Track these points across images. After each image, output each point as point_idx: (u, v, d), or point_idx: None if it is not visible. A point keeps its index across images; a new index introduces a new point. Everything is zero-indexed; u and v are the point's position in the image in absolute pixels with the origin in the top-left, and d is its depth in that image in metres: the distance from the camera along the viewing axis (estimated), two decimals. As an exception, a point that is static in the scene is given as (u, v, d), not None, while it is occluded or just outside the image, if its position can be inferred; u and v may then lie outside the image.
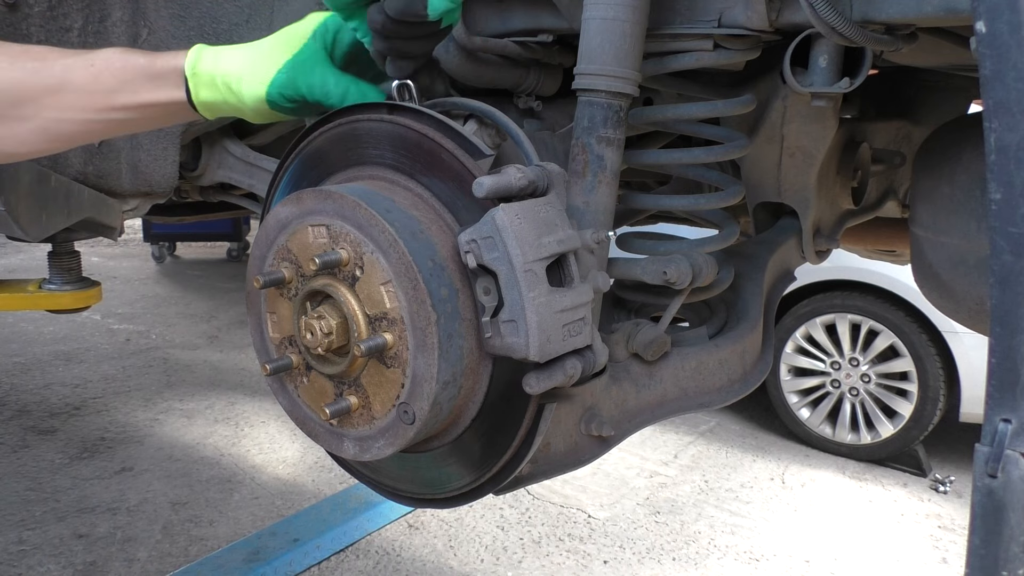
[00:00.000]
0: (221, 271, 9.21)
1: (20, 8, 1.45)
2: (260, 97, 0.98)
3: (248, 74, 0.98)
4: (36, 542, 3.45)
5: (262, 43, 1.01)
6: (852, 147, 1.55)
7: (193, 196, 2.08)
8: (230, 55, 0.99)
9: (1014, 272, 0.63)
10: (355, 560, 3.46)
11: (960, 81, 1.69)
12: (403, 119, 0.92)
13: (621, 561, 3.55)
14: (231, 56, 0.99)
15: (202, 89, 0.99)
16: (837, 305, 4.57)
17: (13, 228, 1.55)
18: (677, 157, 1.23)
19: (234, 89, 0.98)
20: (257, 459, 4.36)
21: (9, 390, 5.20)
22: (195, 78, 0.99)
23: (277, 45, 0.99)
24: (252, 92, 0.98)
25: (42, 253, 2.05)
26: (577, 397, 1.01)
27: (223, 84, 0.98)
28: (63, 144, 1.06)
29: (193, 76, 0.99)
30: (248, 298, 1.01)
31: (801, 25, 1.00)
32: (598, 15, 0.97)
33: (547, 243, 0.83)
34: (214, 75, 0.98)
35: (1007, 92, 0.62)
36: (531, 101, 1.35)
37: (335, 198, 0.87)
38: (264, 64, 0.98)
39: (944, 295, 1.42)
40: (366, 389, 0.89)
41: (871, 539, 3.85)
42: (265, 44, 1.00)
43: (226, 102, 0.99)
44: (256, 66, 0.98)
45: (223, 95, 0.99)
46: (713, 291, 1.23)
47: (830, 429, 4.70)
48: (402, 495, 1.06)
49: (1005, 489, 0.63)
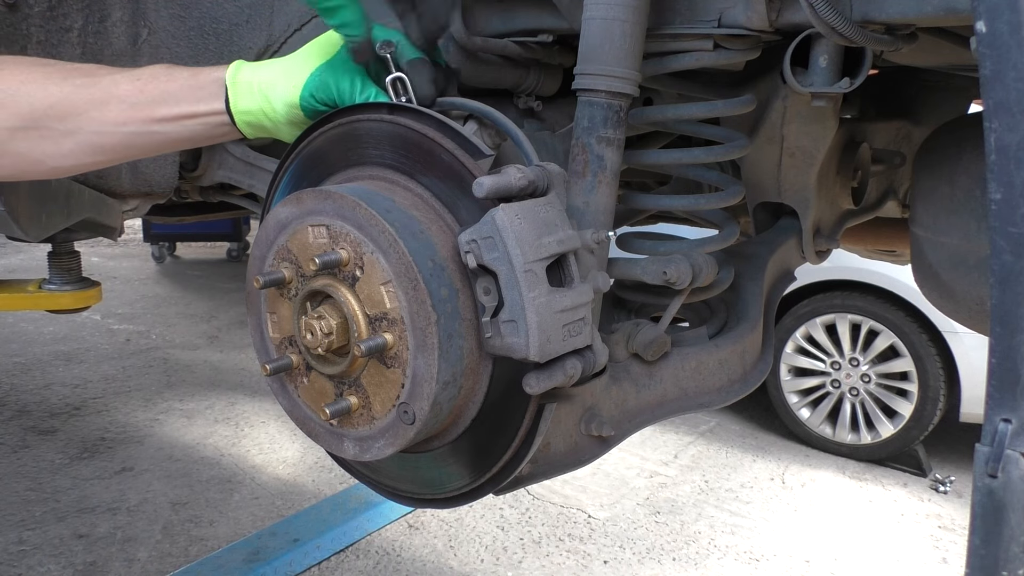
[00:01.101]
0: (221, 271, 9.21)
1: (20, 8, 1.45)
2: (293, 101, 1.00)
3: (282, 79, 1.00)
4: (36, 542, 3.45)
5: (297, 53, 1.04)
6: (852, 147, 1.55)
7: (193, 196, 2.07)
8: (269, 66, 1.02)
9: (1014, 272, 0.63)
10: (355, 560, 3.46)
11: (960, 81, 1.69)
12: (403, 119, 0.92)
13: (621, 561, 3.55)
14: (270, 66, 1.02)
15: (241, 97, 1.01)
16: (837, 305, 4.57)
17: (13, 228, 1.55)
18: (677, 157, 1.23)
19: (269, 96, 1.00)
20: (257, 459, 4.36)
21: (9, 390, 5.20)
22: (235, 86, 1.01)
23: (311, 52, 1.02)
24: (286, 96, 1.00)
25: (42, 253, 2.06)
26: (577, 397, 1.01)
27: (260, 91, 1.00)
28: (105, 158, 1.07)
29: (233, 84, 1.01)
30: (248, 298, 1.01)
31: (801, 25, 1.00)
32: (598, 15, 0.97)
33: (547, 243, 0.83)
34: (252, 82, 1.00)
35: (1007, 92, 0.62)
36: (531, 101, 1.35)
37: (335, 198, 0.87)
38: (298, 69, 1.01)
39: (944, 295, 1.42)
40: (366, 389, 0.89)
41: (871, 539, 3.85)
42: (300, 53, 1.03)
43: (262, 111, 1.01)
44: (290, 72, 1.01)
45: (259, 103, 1.01)
46: (713, 291, 1.23)
47: (830, 429, 4.70)
48: (402, 495, 1.06)
49: (1005, 489, 0.63)
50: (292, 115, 1.01)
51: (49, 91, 0.99)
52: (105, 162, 1.09)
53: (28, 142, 1.00)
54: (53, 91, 0.99)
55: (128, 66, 1.08)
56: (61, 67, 1.03)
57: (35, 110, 0.99)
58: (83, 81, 1.01)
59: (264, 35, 1.48)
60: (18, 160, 1.03)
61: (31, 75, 1.00)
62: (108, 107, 1.00)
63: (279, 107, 1.00)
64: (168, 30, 1.54)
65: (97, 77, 1.01)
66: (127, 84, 1.00)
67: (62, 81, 1.00)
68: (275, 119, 1.02)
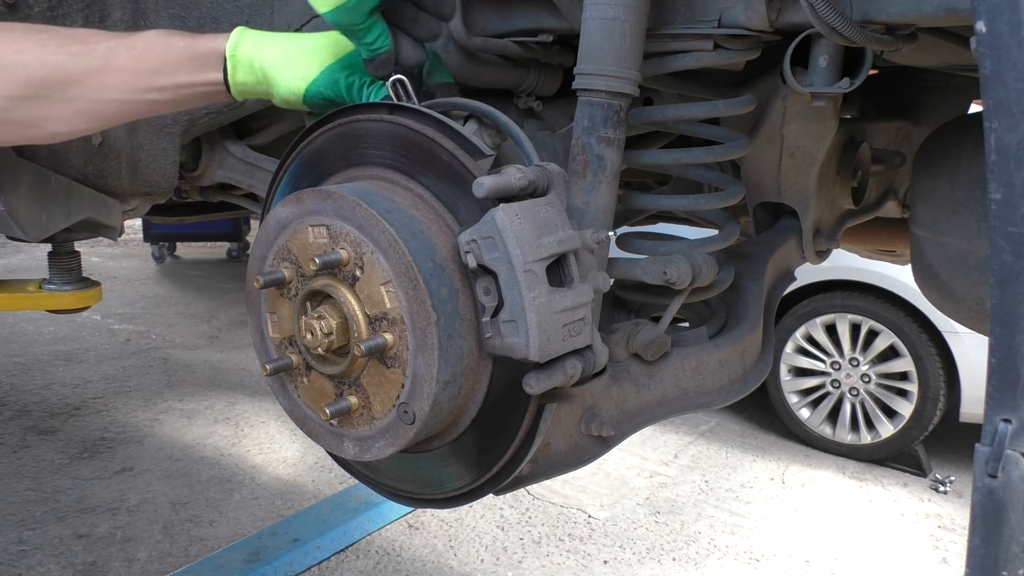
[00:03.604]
0: (221, 271, 9.21)
1: (20, 8, 1.45)
2: (298, 92, 1.02)
3: (288, 67, 1.02)
4: (36, 542, 3.45)
5: (305, 40, 1.04)
6: (852, 147, 1.55)
7: (193, 196, 2.07)
8: (271, 44, 1.03)
9: (1014, 272, 0.63)
10: (355, 560, 3.46)
11: (960, 81, 1.69)
12: (403, 119, 0.92)
13: (621, 561, 3.55)
14: (272, 45, 1.03)
15: (239, 71, 1.03)
16: (837, 305, 4.57)
17: (13, 228, 1.55)
18: (677, 157, 1.23)
19: (271, 77, 1.02)
20: (257, 459, 4.36)
21: (9, 390, 5.20)
22: (234, 60, 1.02)
23: (324, 45, 1.03)
24: (291, 85, 1.02)
25: (42, 253, 2.05)
26: (577, 397, 1.01)
27: (260, 70, 1.02)
28: (103, 123, 1.10)
29: (232, 58, 1.02)
30: (248, 298, 1.01)
31: (801, 25, 1.00)
32: (598, 15, 0.97)
33: (547, 243, 0.83)
34: (253, 59, 1.02)
35: (1007, 92, 0.62)
36: (531, 101, 1.35)
37: (335, 198, 0.87)
38: (308, 62, 1.02)
39: (944, 295, 1.42)
40: (366, 389, 0.89)
41: (871, 539, 3.85)
42: (309, 42, 1.04)
43: (260, 87, 1.04)
44: (298, 61, 1.02)
45: (257, 79, 1.03)
46: (713, 291, 1.23)
47: (830, 429, 4.70)
48: (402, 495, 1.06)
49: (1005, 489, 0.63)
50: (292, 100, 1.04)
51: (45, 59, 1.00)
52: (104, 127, 1.12)
53: (27, 110, 1.02)
54: (49, 59, 1.00)
55: None
56: (54, 33, 1.04)
57: (32, 79, 1.00)
58: (78, 49, 1.02)
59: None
60: (19, 127, 1.05)
61: (25, 43, 1.01)
62: (106, 76, 1.01)
63: (281, 91, 1.03)
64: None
65: (92, 45, 1.03)
66: (124, 52, 1.02)
67: (57, 49, 1.01)
68: (272, 96, 1.05)
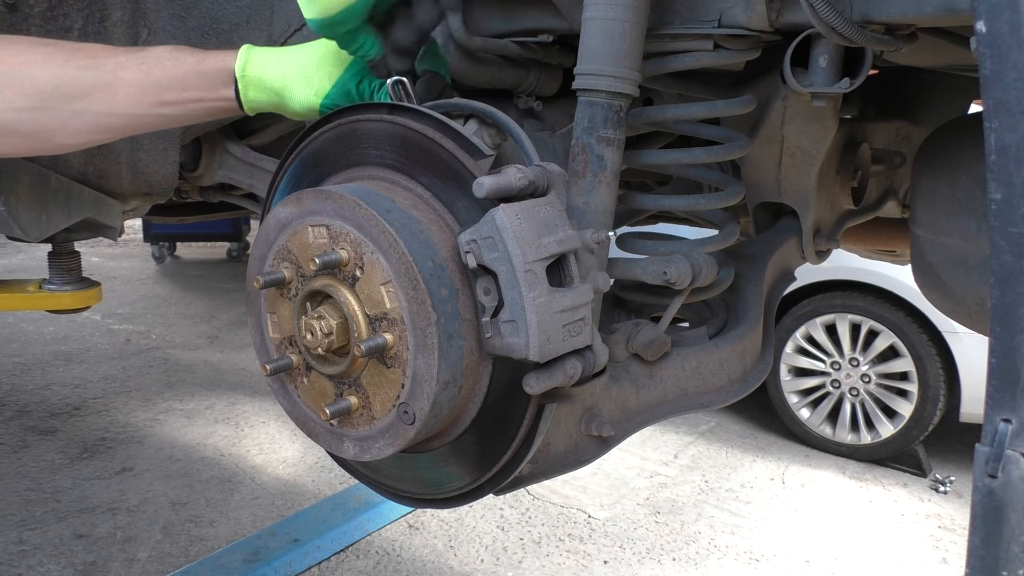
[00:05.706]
0: (221, 271, 9.21)
1: (20, 8, 1.45)
2: (313, 107, 1.04)
3: (300, 84, 1.03)
4: (36, 542, 3.45)
5: (310, 52, 1.05)
6: (852, 147, 1.55)
7: (193, 196, 2.07)
8: (279, 62, 1.04)
9: (1014, 272, 0.63)
10: (355, 560, 3.46)
11: (960, 81, 1.69)
12: (403, 119, 0.92)
13: (621, 561, 3.55)
14: (280, 63, 1.04)
15: (251, 91, 1.04)
16: (837, 305, 4.56)
17: (13, 228, 1.55)
18: (677, 157, 1.23)
19: (284, 96, 1.04)
20: (257, 459, 4.36)
21: (9, 390, 5.20)
22: (244, 80, 1.04)
23: (329, 53, 1.04)
24: (305, 101, 1.04)
25: (42, 253, 2.05)
26: (577, 397, 1.01)
27: (271, 89, 1.04)
28: (111, 136, 1.12)
29: (243, 78, 1.04)
30: (248, 298, 1.01)
31: (801, 25, 1.00)
32: (598, 15, 0.97)
33: (547, 243, 0.83)
34: (263, 78, 1.03)
35: (1007, 92, 0.62)
36: (531, 101, 1.35)
37: (335, 198, 0.87)
38: (319, 76, 1.04)
39: (944, 295, 1.42)
40: (366, 389, 0.89)
41: (871, 539, 3.85)
42: (314, 54, 1.05)
43: (273, 104, 1.06)
44: (309, 77, 1.03)
45: (270, 98, 1.05)
46: (713, 291, 1.23)
47: (830, 429, 4.69)
48: (402, 495, 1.06)
49: (1005, 489, 0.63)
50: (306, 114, 1.05)
51: (52, 72, 1.01)
52: (111, 139, 1.14)
53: (35, 122, 1.03)
54: (56, 72, 1.01)
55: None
56: (60, 47, 1.05)
57: (40, 91, 1.01)
58: (87, 62, 1.03)
59: (264, 35, 1.48)
60: (27, 138, 1.05)
61: (31, 56, 1.02)
62: (115, 90, 1.02)
63: (295, 108, 1.04)
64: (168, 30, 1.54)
65: (100, 59, 1.03)
66: (133, 68, 1.03)
67: (65, 62, 1.02)
68: (285, 111, 1.07)
